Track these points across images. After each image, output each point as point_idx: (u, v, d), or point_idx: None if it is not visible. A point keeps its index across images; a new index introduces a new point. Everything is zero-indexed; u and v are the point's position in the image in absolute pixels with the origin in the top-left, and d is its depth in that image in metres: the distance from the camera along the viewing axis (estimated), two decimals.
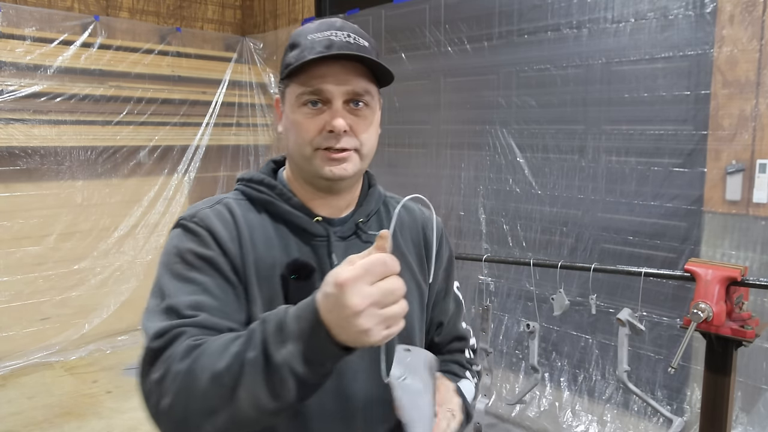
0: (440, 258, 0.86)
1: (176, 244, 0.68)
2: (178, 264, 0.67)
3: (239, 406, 0.54)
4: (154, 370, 0.58)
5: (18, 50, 3.03)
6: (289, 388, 0.53)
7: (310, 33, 0.71)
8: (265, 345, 0.54)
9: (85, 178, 3.42)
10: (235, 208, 0.72)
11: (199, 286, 0.65)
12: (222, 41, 4.04)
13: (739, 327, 1.55)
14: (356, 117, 0.71)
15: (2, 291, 3.16)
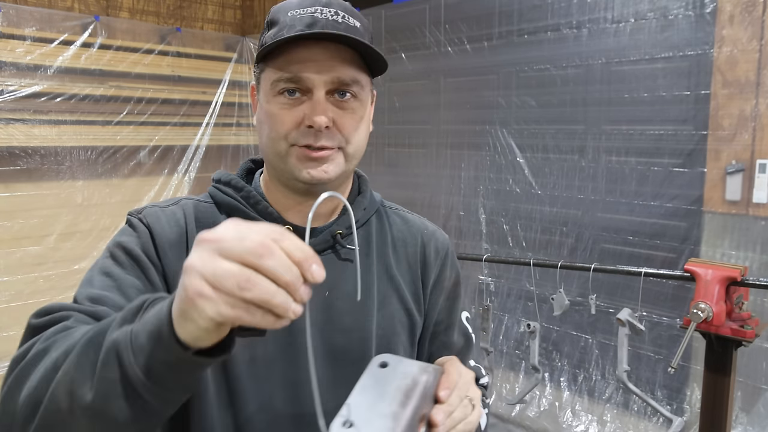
0: (440, 283, 0.72)
1: (116, 237, 0.62)
2: (107, 258, 0.60)
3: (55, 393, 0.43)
4: (19, 347, 0.51)
5: (18, 50, 3.03)
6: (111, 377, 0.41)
7: (292, 9, 0.59)
8: (106, 325, 0.44)
9: (85, 178, 3.43)
10: (192, 211, 0.64)
11: (114, 282, 0.57)
12: (222, 41, 4.04)
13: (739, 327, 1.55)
14: (341, 110, 0.60)
15: (2, 291, 3.16)
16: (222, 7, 4.18)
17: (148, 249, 0.60)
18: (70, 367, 0.43)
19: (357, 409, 0.42)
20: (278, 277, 0.37)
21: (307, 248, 0.38)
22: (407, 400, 0.44)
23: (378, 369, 0.46)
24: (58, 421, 0.43)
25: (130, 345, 0.41)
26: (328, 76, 0.58)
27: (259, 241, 0.37)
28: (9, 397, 0.46)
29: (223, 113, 3.85)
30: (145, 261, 0.60)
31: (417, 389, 0.46)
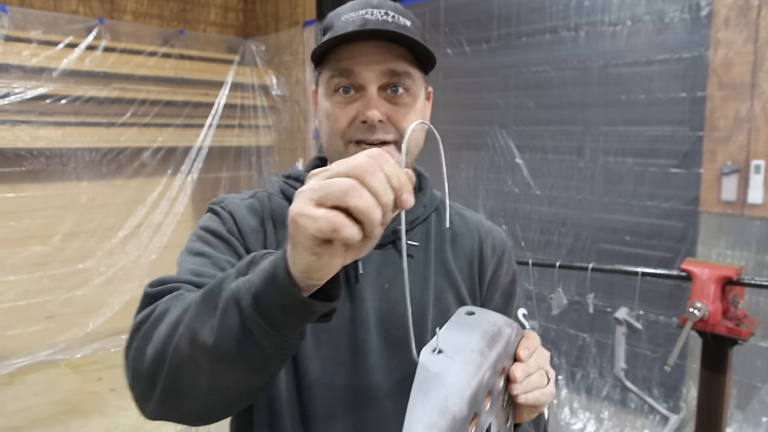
0: (496, 279, 0.71)
1: (201, 224, 0.66)
2: (196, 242, 0.64)
3: (178, 344, 0.46)
4: (138, 313, 0.54)
5: (24, 53, 3.07)
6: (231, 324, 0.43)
7: (345, 13, 0.63)
8: (222, 279, 0.47)
9: (89, 179, 3.46)
10: (267, 203, 0.68)
11: (208, 259, 0.61)
12: (224, 44, 4.08)
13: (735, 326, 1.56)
14: (395, 105, 0.61)
15: (8, 290, 3.20)
16: (224, 10, 4.21)
17: (233, 232, 0.64)
18: (191, 319, 0.46)
19: (446, 341, 0.43)
20: (379, 196, 0.38)
21: (404, 176, 0.40)
22: (493, 343, 0.46)
23: (465, 316, 0.47)
24: (184, 372, 0.47)
25: (249, 291, 0.43)
26: (379, 70, 0.60)
27: (366, 160, 0.39)
28: (137, 356, 0.50)
29: (225, 115, 3.88)
30: (233, 240, 0.63)
31: (502, 338, 0.47)
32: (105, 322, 3.46)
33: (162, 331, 0.49)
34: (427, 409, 0.38)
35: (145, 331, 0.51)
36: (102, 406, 2.69)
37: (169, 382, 0.48)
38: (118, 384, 2.93)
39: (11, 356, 3.14)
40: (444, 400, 0.38)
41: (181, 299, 0.51)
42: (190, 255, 0.63)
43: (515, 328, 0.51)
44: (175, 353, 0.47)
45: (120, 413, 2.62)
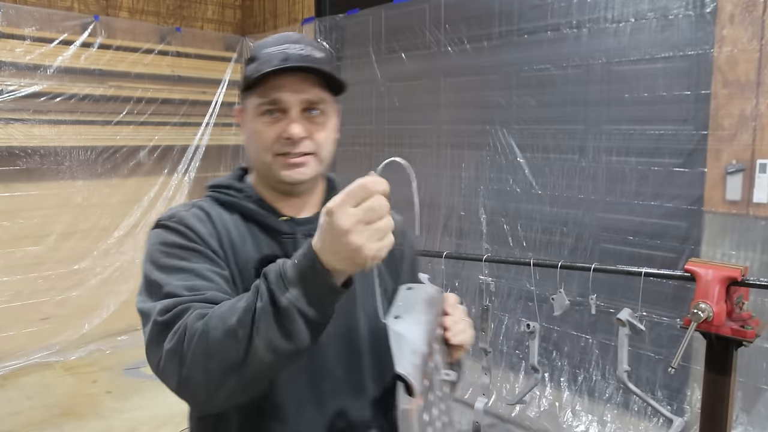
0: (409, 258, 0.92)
1: (159, 240, 0.71)
2: (165, 258, 0.69)
3: (257, 354, 0.57)
4: (167, 342, 0.60)
5: (18, 50, 3.03)
6: (300, 328, 0.57)
7: (267, 47, 0.75)
8: (270, 293, 0.58)
9: (85, 178, 3.42)
10: (209, 210, 0.77)
11: (190, 273, 0.67)
12: (222, 41, 4.04)
13: (740, 327, 1.54)
14: (312, 124, 0.76)
15: (2, 291, 3.16)
16: (222, 7, 4.17)
17: (196, 240, 0.71)
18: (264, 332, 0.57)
19: (400, 310, 0.63)
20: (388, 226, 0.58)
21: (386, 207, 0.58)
22: (431, 305, 0.68)
23: (407, 290, 0.69)
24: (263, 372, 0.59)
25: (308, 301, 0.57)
26: (300, 97, 0.74)
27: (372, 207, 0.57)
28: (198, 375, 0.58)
29: (223, 113, 3.85)
30: (200, 248, 0.71)
31: (435, 301, 0.70)
32: (101, 324, 3.43)
33: (226, 347, 0.57)
34: (405, 354, 0.57)
35: (198, 353, 0.58)
36: (97, 408, 2.66)
37: (246, 383, 0.59)
38: (113, 386, 2.90)
39: (5, 358, 3.10)
40: (412, 346, 0.58)
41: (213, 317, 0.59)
42: (169, 273, 0.67)
43: (440, 291, 0.73)
44: (255, 361, 0.57)
45: (116, 416, 2.59)
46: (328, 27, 3.57)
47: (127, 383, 2.92)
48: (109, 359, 3.23)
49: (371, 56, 3.29)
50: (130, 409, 2.64)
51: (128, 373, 3.05)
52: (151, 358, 0.62)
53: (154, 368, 0.62)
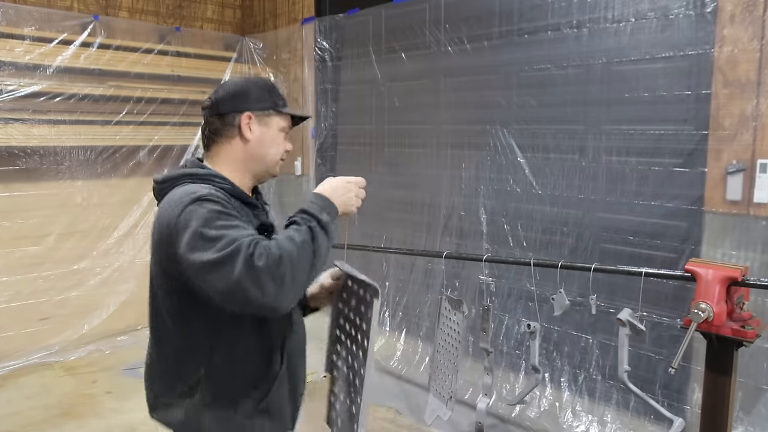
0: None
1: (209, 209, 0.94)
2: (219, 221, 0.93)
3: (320, 253, 0.94)
4: (257, 260, 0.87)
5: (17, 50, 3.03)
6: (331, 233, 0.98)
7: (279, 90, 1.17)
8: (316, 219, 0.97)
9: (84, 178, 3.42)
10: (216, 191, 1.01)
11: (239, 227, 0.94)
12: (222, 41, 4.04)
13: (740, 327, 1.54)
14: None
15: (1, 291, 3.16)
16: (221, 7, 4.17)
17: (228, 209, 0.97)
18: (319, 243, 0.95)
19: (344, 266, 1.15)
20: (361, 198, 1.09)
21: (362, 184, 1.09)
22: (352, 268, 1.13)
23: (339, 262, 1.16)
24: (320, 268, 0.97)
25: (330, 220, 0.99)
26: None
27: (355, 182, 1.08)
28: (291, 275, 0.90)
29: None
30: (234, 213, 0.98)
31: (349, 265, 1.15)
32: (100, 324, 3.42)
33: (310, 253, 0.93)
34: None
35: (282, 262, 0.89)
36: (97, 409, 2.66)
37: (314, 276, 0.97)
38: (113, 386, 2.89)
39: (4, 359, 3.10)
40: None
41: (284, 241, 0.92)
42: (227, 229, 0.92)
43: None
44: (318, 258, 0.95)
45: (115, 416, 2.59)
46: (328, 27, 3.56)
47: (127, 383, 2.91)
48: (109, 359, 3.22)
49: (371, 56, 3.28)
50: (130, 409, 2.64)
51: (128, 373, 3.04)
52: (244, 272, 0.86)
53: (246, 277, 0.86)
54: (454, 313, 2.20)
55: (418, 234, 3.12)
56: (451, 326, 2.22)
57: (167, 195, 1.01)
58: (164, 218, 0.96)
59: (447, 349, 2.23)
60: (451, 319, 2.21)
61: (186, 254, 0.91)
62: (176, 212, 0.94)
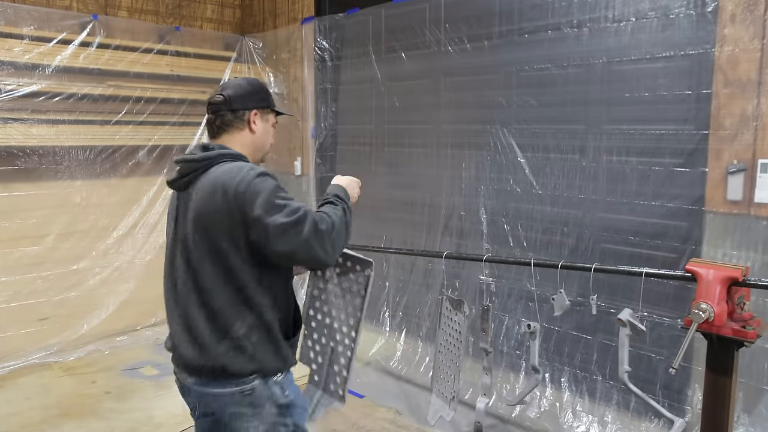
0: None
1: (274, 184, 1.20)
2: (283, 192, 1.20)
3: (350, 227, 1.28)
4: (320, 224, 1.18)
5: (16, 49, 3.02)
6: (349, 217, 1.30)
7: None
8: (345, 203, 1.30)
9: (83, 178, 3.41)
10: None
11: (293, 198, 1.22)
12: (221, 40, 4.03)
13: (741, 327, 1.54)
14: None
15: (0, 291, 3.15)
16: (221, 6, 4.16)
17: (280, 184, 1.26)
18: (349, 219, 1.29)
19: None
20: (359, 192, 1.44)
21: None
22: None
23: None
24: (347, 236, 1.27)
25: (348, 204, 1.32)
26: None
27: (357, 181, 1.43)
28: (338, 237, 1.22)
29: None
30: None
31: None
32: (99, 324, 3.41)
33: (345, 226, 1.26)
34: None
35: (333, 229, 1.21)
36: (96, 409, 2.65)
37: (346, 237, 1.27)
38: (112, 386, 2.89)
39: (3, 359, 3.09)
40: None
41: (332, 213, 1.24)
42: (285, 200, 1.19)
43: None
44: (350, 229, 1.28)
45: (115, 416, 2.58)
46: (328, 26, 3.56)
47: (126, 384, 2.91)
48: (108, 360, 3.22)
49: (371, 56, 3.28)
50: (129, 409, 2.63)
51: (127, 373, 3.04)
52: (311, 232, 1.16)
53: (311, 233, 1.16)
54: (455, 314, 2.20)
55: (418, 234, 3.11)
56: (452, 326, 2.22)
57: (211, 171, 1.22)
58: (229, 189, 1.16)
59: (449, 349, 2.23)
60: (453, 319, 2.21)
61: (262, 217, 1.14)
62: (243, 184, 1.16)
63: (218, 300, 1.19)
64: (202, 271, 1.19)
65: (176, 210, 1.29)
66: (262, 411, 1.22)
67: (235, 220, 1.15)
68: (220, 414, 1.22)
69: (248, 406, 1.21)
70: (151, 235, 3.61)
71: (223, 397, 1.20)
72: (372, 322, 3.33)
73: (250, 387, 1.21)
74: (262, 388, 1.22)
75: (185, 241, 1.23)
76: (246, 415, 1.21)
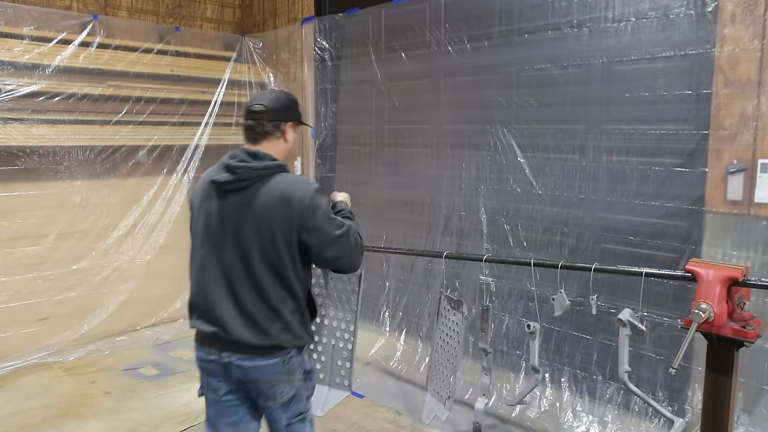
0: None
1: (326, 200, 1.49)
2: (328, 206, 1.50)
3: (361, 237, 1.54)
4: (358, 237, 1.51)
5: (16, 49, 3.02)
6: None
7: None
8: (352, 217, 1.61)
9: (83, 178, 3.41)
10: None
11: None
12: (221, 40, 4.03)
13: (741, 327, 1.54)
14: None
15: (0, 291, 3.15)
16: (221, 6, 4.16)
17: None
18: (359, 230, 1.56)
19: None
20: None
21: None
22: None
23: None
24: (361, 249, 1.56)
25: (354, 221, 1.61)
26: None
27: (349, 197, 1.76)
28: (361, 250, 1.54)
29: (222, 113, 3.83)
30: None
31: None
32: (99, 324, 3.41)
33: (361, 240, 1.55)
34: None
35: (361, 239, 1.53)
36: (96, 409, 2.65)
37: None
38: (112, 387, 2.89)
39: (3, 359, 3.09)
40: None
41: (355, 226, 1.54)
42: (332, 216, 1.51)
43: None
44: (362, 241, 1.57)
45: (115, 416, 2.58)
46: (328, 26, 3.56)
47: (126, 384, 2.91)
48: (108, 360, 3.22)
49: (371, 56, 3.28)
50: (129, 409, 2.63)
51: (127, 373, 3.04)
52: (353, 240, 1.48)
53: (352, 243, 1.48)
54: (453, 313, 2.20)
55: (418, 234, 3.11)
56: (450, 326, 2.22)
57: (273, 180, 1.43)
58: (294, 200, 1.40)
59: (445, 348, 2.23)
60: (450, 319, 2.21)
61: (321, 227, 1.41)
62: (307, 198, 1.41)
63: (269, 290, 1.42)
64: (256, 267, 1.41)
65: (219, 208, 1.45)
66: (294, 377, 1.50)
67: (293, 226, 1.40)
68: (262, 380, 1.46)
69: (286, 373, 1.48)
70: (151, 235, 3.61)
71: (267, 366, 1.45)
72: (372, 322, 3.33)
73: (289, 357, 1.47)
74: (296, 358, 1.50)
75: (239, 239, 1.41)
76: (282, 380, 1.48)
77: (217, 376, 1.48)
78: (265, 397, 1.48)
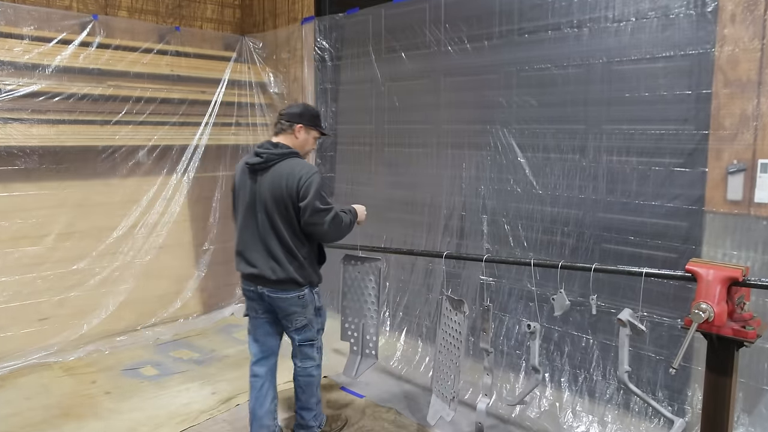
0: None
1: (320, 179, 2.01)
2: (324, 188, 2.07)
3: (350, 229, 2.14)
4: (336, 217, 2.02)
5: (16, 49, 3.02)
6: (354, 225, 2.18)
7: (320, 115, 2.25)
8: (353, 216, 2.16)
9: (83, 178, 3.41)
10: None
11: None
12: (221, 40, 4.03)
13: (741, 327, 1.54)
14: None
15: (0, 291, 3.15)
16: (221, 6, 4.16)
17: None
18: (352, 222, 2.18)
19: None
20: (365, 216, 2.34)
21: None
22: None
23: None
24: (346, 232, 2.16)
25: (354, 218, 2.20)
26: None
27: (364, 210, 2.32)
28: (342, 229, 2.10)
29: (222, 113, 3.83)
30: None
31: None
32: (99, 324, 3.41)
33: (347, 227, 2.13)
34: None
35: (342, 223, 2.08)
36: (96, 409, 2.65)
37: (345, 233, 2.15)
38: (112, 387, 2.89)
39: (3, 359, 3.09)
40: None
41: (345, 214, 2.11)
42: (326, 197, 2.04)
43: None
44: (351, 228, 2.16)
45: (115, 416, 2.58)
46: (328, 26, 3.56)
47: (126, 384, 2.91)
48: (108, 360, 3.22)
49: (371, 56, 3.28)
50: (129, 409, 2.64)
51: (127, 373, 3.04)
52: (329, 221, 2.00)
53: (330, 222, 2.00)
54: (455, 314, 2.20)
55: (418, 234, 3.11)
56: (452, 326, 2.22)
57: (286, 162, 2.03)
58: (296, 176, 1.98)
59: (448, 349, 2.23)
60: (452, 319, 2.21)
61: (312, 201, 1.95)
62: (306, 176, 1.97)
63: (288, 240, 2.01)
64: (277, 223, 2.01)
65: (253, 183, 2.05)
66: (306, 310, 2.11)
67: (294, 196, 1.98)
68: (283, 308, 2.09)
69: (301, 306, 2.09)
70: (150, 235, 3.61)
71: (286, 299, 2.06)
72: None
73: (303, 293, 2.08)
74: (309, 295, 2.10)
75: (265, 203, 2.01)
76: (298, 311, 2.10)
77: (255, 301, 2.13)
78: (287, 321, 2.11)
